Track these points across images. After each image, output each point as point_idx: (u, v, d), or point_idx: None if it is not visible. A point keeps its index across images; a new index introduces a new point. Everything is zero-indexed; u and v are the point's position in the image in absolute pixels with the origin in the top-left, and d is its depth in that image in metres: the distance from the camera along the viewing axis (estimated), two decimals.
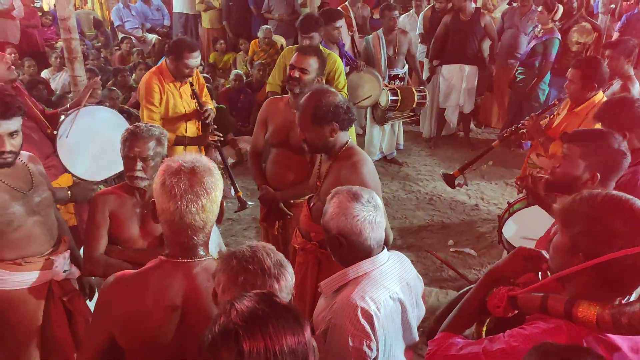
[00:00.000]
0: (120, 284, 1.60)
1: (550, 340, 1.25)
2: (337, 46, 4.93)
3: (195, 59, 3.51)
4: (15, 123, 2.10)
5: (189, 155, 1.59)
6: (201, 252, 1.59)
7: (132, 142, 2.26)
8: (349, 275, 1.79)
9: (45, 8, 9.86)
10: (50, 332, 2.36)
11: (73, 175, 2.93)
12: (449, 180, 3.95)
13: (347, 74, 4.83)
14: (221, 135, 3.66)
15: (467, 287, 1.66)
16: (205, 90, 3.93)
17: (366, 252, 1.79)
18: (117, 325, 1.58)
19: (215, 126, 3.66)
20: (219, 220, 1.62)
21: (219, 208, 1.59)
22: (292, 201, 3.12)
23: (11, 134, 2.10)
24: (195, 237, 1.55)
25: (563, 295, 1.37)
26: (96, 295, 2.68)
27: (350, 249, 1.78)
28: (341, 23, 4.93)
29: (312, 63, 3.01)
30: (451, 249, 4.47)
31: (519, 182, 3.09)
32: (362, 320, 1.68)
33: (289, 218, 3.14)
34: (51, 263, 2.32)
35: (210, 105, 3.84)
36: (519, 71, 6.08)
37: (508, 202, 3.14)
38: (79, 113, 2.99)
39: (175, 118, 3.63)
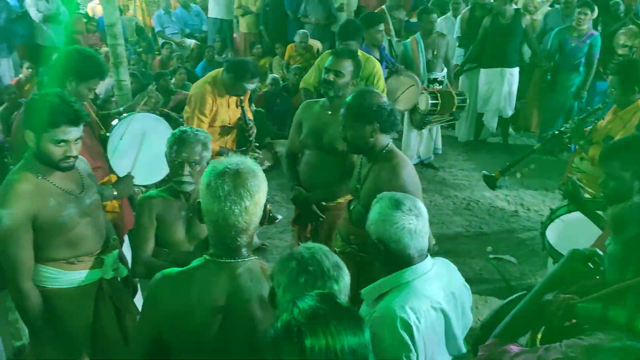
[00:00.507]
0: (166, 282, 1.64)
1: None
2: (378, 49, 4.93)
3: (253, 84, 3.62)
4: (81, 129, 2.20)
5: (235, 157, 1.62)
6: (244, 252, 1.61)
7: (180, 147, 2.30)
8: (390, 284, 1.78)
9: (90, 14, 10.16)
10: (100, 328, 2.43)
11: (118, 177, 3.01)
12: (490, 181, 3.91)
13: (385, 78, 4.83)
14: (261, 153, 3.77)
15: (516, 295, 1.63)
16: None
17: (406, 260, 1.77)
18: (163, 322, 1.62)
19: (257, 144, 3.75)
20: (262, 222, 1.64)
21: (262, 210, 1.61)
22: (324, 203, 3.13)
23: (76, 140, 2.19)
24: (238, 238, 1.57)
25: (624, 306, 1.33)
26: (138, 293, 2.75)
27: (390, 256, 1.77)
28: (383, 27, 4.95)
29: (347, 66, 3.03)
30: (490, 256, 4.40)
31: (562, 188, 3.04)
32: (401, 331, 1.65)
33: (322, 220, 3.15)
34: (101, 262, 2.40)
35: (249, 114, 3.94)
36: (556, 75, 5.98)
37: (551, 209, 3.09)
38: (134, 118, 3.09)
39: (219, 128, 3.74)
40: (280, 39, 8.40)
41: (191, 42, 8.95)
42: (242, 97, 3.70)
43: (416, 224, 1.76)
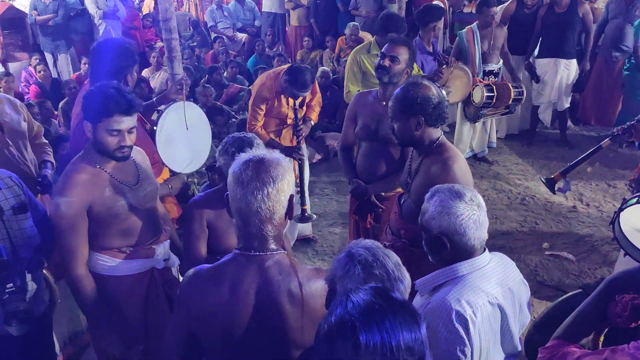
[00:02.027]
0: (197, 278, 1.64)
1: None
2: (431, 44, 4.87)
3: (304, 94, 3.71)
4: (134, 119, 2.24)
5: (262, 151, 1.62)
6: (273, 245, 1.59)
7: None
8: (446, 276, 1.73)
9: (145, 11, 10.46)
10: (153, 316, 2.49)
11: (170, 170, 3.08)
12: (550, 184, 3.76)
13: (436, 71, 4.75)
14: (303, 155, 3.78)
15: (572, 292, 1.56)
16: (319, 97, 4.13)
17: (468, 253, 1.72)
18: (196, 317, 1.62)
19: (302, 146, 3.80)
20: (290, 216, 1.61)
21: (287, 200, 1.57)
22: (383, 194, 3.12)
23: (130, 130, 2.23)
24: (263, 227, 1.55)
25: None
26: None
27: (453, 250, 1.72)
28: (442, 22, 4.94)
29: (403, 53, 3.00)
30: (546, 252, 4.25)
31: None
32: (457, 324, 1.62)
33: (381, 211, 3.13)
34: (153, 252, 2.45)
35: (314, 119, 4.07)
36: (628, 66, 5.67)
37: (624, 198, 2.93)
38: (171, 108, 3.09)
39: (276, 119, 3.86)
40: (330, 31, 8.38)
41: (243, 36, 9.07)
42: (299, 100, 3.75)
43: (479, 214, 1.70)
